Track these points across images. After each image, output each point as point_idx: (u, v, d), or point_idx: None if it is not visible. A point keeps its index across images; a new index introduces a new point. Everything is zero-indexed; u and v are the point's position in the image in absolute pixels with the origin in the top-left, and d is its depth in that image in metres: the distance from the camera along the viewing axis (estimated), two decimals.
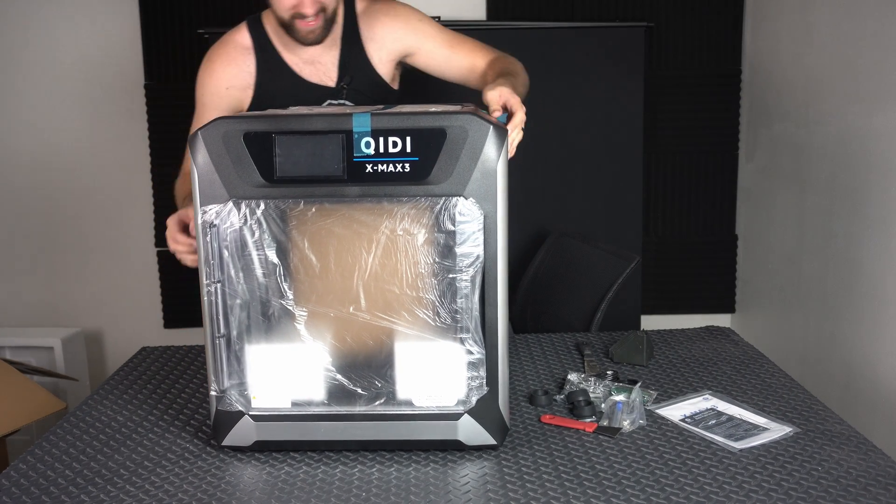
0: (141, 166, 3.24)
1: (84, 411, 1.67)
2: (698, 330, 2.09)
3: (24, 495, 1.33)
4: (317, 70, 1.91)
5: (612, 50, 3.11)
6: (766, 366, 1.83)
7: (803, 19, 2.81)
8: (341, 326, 1.41)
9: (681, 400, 1.64)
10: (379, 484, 1.34)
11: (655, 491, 1.29)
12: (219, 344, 1.41)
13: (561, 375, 1.79)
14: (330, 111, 1.56)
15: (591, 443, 1.47)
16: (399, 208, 1.36)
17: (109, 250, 3.32)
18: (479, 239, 1.36)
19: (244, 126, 1.36)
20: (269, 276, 1.39)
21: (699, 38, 3.23)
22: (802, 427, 1.51)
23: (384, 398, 1.42)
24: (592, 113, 3.14)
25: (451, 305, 1.38)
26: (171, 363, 1.94)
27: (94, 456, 1.47)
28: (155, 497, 1.32)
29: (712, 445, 1.44)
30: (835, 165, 2.60)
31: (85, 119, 3.22)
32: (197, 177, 1.36)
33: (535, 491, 1.30)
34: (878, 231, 2.36)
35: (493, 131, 1.34)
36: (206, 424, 1.59)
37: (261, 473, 1.39)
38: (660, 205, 3.35)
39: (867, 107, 2.42)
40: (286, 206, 1.37)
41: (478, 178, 1.34)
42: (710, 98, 3.28)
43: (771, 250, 3.10)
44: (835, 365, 2.63)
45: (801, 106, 2.83)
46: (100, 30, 3.16)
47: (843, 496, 1.26)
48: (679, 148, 3.31)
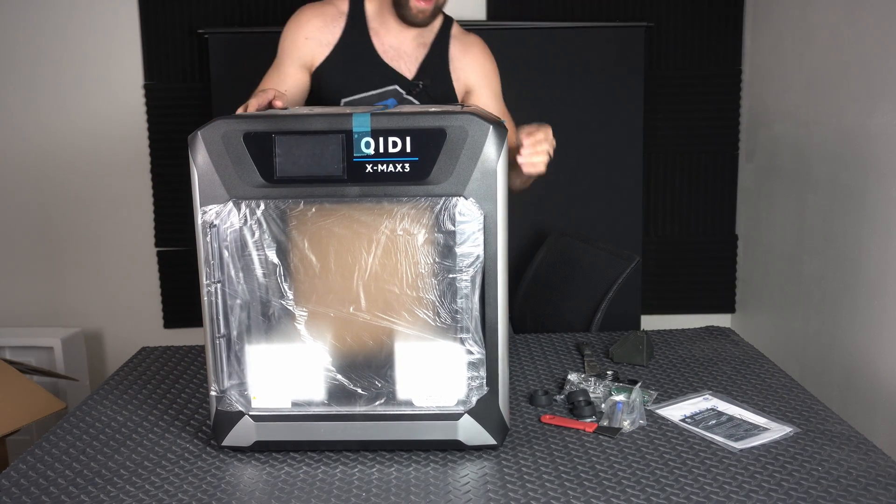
0: (141, 166, 3.24)
1: (84, 411, 1.67)
2: (698, 330, 2.09)
3: (24, 495, 1.33)
4: (397, 58, 1.98)
5: (612, 50, 3.11)
6: (766, 366, 1.83)
7: (803, 19, 2.81)
8: (341, 326, 1.41)
9: (681, 400, 1.64)
10: (379, 484, 1.34)
11: (655, 491, 1.29)
12: (219, 344, 1.41)
13: (561, 375, 1.79)
14: (330, 111, 1.56)
15: (591, 443, 1.47)
16: (399, 208, 1.36)
17: (109, 250, 3.32)
18: (479, 239, 1.36)
19: (244, 126, 1.36)
20: (269, 277, 1.39)
21: (699, 38, 3.23)
22: (802, 427, 1.51)
23: (384, 398, 1.42)
24: (592, 113, 3.14)
25: (451, 305, 1.38)
26: (171, 363, 1.94)
27: (94, 456, 1.47)
28: (155, 497, 1.32)
29: (712, 445, 1.44)
30: (835, 165, 2.60)
31: (85, 119, 3.22)
32: (197, 177, 1.37)
33: (535, 491, 1.30)
34: (878, 231, 2.36)
35: (493, 131, 1.34)
36: (206, 424, 1.59)
37: (261, 473, 1.39)
38: (660, 205, 3.35)
39: (867, 107, 2.42)
40: (286, 207, 1.37)
41: (478, 178, 1.34)
42: (710, 98, 3.28)
43: (771, 250, 3.10)
44: (835, 365, 2.63)
45: (801, 106, 2.83)
46: (100, 30, 3.16)
47: (843, 496, 1.26)
48: (679, 148, 3.31)
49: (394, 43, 1.97)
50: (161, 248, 3.29)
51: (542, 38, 3.11)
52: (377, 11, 1.97)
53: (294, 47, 1.95)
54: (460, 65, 2.01)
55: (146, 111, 3.20)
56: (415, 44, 1.98)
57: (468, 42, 2.04)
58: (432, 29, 1.99)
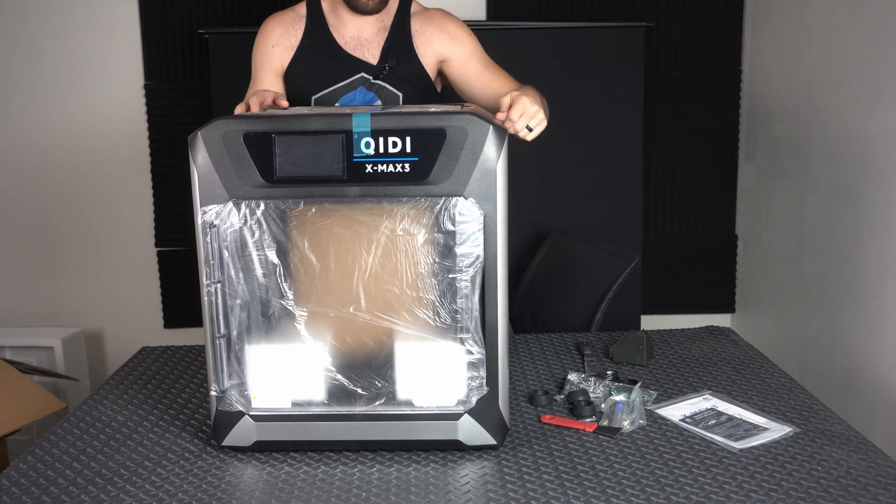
0: (141, 166, 3.24)
1: (84, 411, 1.67)
2: (698, 330, 2.09)
3: (25, 495, 1.33)
4: (360, 47, 1.99)
5: (612, 50, 3.11)
6: (766, 366, 1.83)
7: (803, 19, 2.81)
8: (341, 326, 1.41)
9: (681, 400, 1.64)
10: (379, 484, 1.34)
11: (655, 491, 1.29)
12: (219, 344, 1.41)
13: (561, 375, 1.79)
14: (330, 111, 1.56)
15: (591, 443, 1.47)
16: (399, 208, 1.36)
17: (109, 250, 3.32)
18: (479, 239, 1.36)
19: (244, 126, 1.36)
20: (269, 277, 1.39)
21: (699, 38, 3.23)
22: (802, 427, 1.51)
23: (384, 398, 1.42)
24: (592, 113, 3.14)
25: (451, 305, 1.38)
26: (171, 363, 1.94)
27: (95, 456, 1.47)
28: (155, 497, 1.32)
29: (712, 445, 1.44)
30: (835, 165, 2.60)
31: (85, 119, 3.22)
32: (197, 177, 1.37)
33: (535, 491, 1.30)
34: (878, 231, 2.36)
35: (492, 131, 1.34)
36: (206, 424, 1.59)
37: (261, 473, 1.39)
38: (660, 205, 3.35)
39: (867, 107, 2.42)
40: (286, 207, 1.37)
41: (478, 178, 1.34)
42: (710, 98, 3.28)
43: (771, 250, 3.10)
44: (835, 365, 2.63)
45: (801, 106, 2.83)
46: (100, 30, 3.16)
47: (843, 496, 1.26)
48: (679, 148, 3.31)
49: (354, 33, 1.99)
50: (161, 248, 3.29)
51: (542, 38, 3.11)
52: (332, 7, 2.00)
53: (265, 58, 2.00)
54: (424, 39, 2.00)
55: (146, 111, 3.20)
56: (374, 29, 1.99)
57: (428, 15, 2.02)
58: (390, 12, 1.99)
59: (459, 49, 1.99)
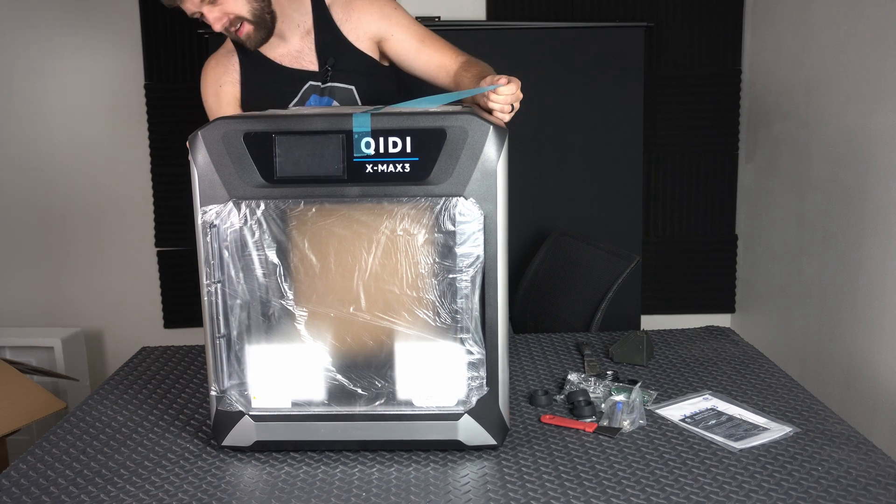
0: (141, 166, 3.24)
1: (84, 411, 1.67)
2: (698, 330, 2.09)
3: (25, 495, 1.33)
4: (297, 59, 1.98)
5: (611, 50, 3.11)
6: (766, 366, 1.83)
7: (803, 19, 2.81)
8: (341, 326, 1.41)
9: (681, 400, 1.64)
10: (379, 484, 1.34)
11: (655, 491, 1.29)
12: (219, 344, 1.41)
13: (561, 375, 1.79)
14: (330, 111, 1.56)
15: (591, 443, 1.47)
16: (399, 208, 1.36)
17: (109, 250, 3.32)
18: (479, 239, 1.36)
19: (244, 126, 1.36)
20: (270, 277, 1.39)
21: (699, 38, 3.23)
22: (802, 427, 1.51)
23: (384, 398, 1.42)
24: (592, 113, 3.14)
25: (451, 305, 1.38)
26: (171, 363, 1.94)
27: (94, 456, 1.47)
28: (155, 497, 1.32)
29: (712, 445, 1.45)
30: (835, 165, 2.60)
31: (85, 119, 3.22)
32: (197, 177, 1.37)
33: (535, 491, 1.30)
34: (878, 231, 2.36)
35: (493, 131, 1.34)
36: (206, 424, 1.59)
37: (261, 473, 1.39)
38: (660, 205, 3.35)
39: (867, 107, 2.42)
40: (286, 207, 1.37)
41: (478, 178, 1.34)
42: (710, 98, 3.28)
43: (771, 250, 3.10)
44: (835, 365, 2.63)
45: (801, 106, 2.83)
46: (100, 30, 3.16)
47: (843, 496, 1.26)
48: (679, 148, 3.31)
49: (283, 50, 1.97)
50: (161, 248, 3.29)
51: (541, 38, 3.11)
52: None
53: (217, 98, 2.01)
54: (351, 26, 1.96)
55: (146, 111, 3.20)
56: (299, 37, 1.96)
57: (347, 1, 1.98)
58: (305, 14, 1.96)
59: (390, 26, 1.95)
